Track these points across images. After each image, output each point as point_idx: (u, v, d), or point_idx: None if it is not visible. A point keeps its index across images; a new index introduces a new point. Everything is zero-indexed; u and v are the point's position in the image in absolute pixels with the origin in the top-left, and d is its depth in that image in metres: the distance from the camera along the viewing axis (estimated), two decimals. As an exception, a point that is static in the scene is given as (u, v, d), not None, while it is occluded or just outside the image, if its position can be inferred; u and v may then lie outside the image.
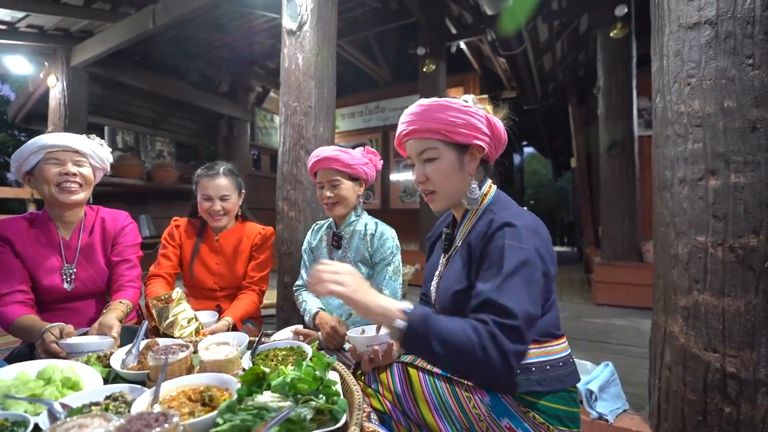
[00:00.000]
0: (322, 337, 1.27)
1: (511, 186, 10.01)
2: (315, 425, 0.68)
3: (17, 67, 4.71)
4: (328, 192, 1.39)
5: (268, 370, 0.80)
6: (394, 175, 6.92)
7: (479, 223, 0.90)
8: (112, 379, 0.90)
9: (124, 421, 0.62)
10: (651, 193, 1.39)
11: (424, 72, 4.82)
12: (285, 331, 1.40)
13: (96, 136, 1.41)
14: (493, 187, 0.96)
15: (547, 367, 0.83)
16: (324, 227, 1.53)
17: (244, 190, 1.65)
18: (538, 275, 0.77)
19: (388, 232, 1.41)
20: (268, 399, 0.73)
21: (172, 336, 1.22)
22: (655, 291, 1.33)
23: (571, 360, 0.88)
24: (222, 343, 0.89)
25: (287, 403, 0.73)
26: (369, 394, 0.98)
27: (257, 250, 1.64)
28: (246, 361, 0.92)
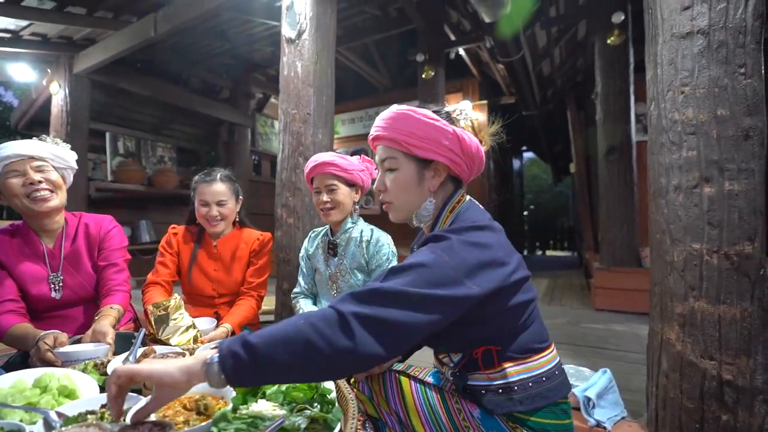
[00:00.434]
0: None
1: (510, 191, 10.02)
2: (309, 434, 0.68)
3: (20, 74, 4.76)
4: (325, 197, 1.39)
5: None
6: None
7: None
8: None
9: (119, 430, 0.62)
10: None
11: (423, 78, 4.86)
12: None
13: (49, 137, 1.31)
14: (461, 205, 0.87)
15: (530, 384, 0.79)
16: (320, 234, 1.54)
17: (241, 196, 1.66)
18: (436, 278, 0.68)
19: (383, 238, 1.41)
20: (263, 408, 0.73)
21: (169, 344, 1.23)
22: (652, 298, 1.33)
23: (557, 372, 0.84)
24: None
25: (282, 411, 0.73)
26: (363, 401, 0.98)
27: (255, 255, 1.65)
28: None
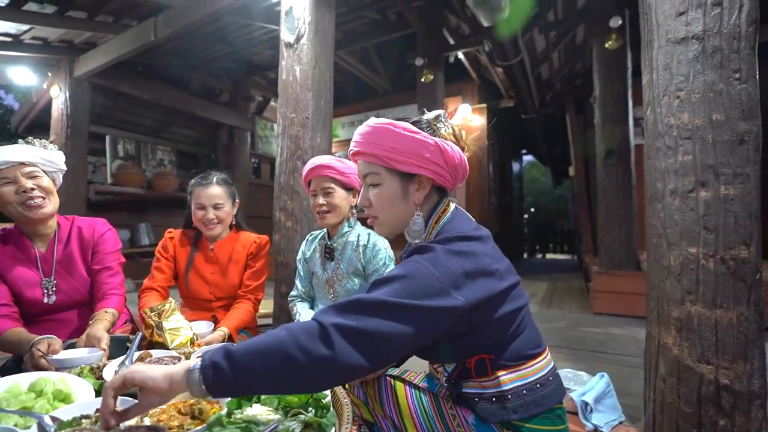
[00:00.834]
0: None
1: (510, 194, 10.02)
2: (303, 439, 0.68)
3: (21, 78, 4.78)
4: (321, 200, 1.39)
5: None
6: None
7: None
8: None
9: (112, 435, 0.62)
10: (646, 203, 1.40)
11: (422, 82, 4.88)
12: None
13: (36, 139, 1.29)
14: (446, 215, 0.85)
15: (524, 391, 0.78)
16: (318, 238, 1.54)
17: (238, 200, 1.66)
18: (420, 289, 0.67)
19: (380, 243, 1.41)
20: (257, 412, 0.73)
21: (166, 347, 1.22)
22: (649, 302, 1.33)
23: (551, 378, 0.83)
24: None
25: (276, 416, 0.73)
26: (359, 405, 0.98)
27: (253, 258, 1.65)
28: None
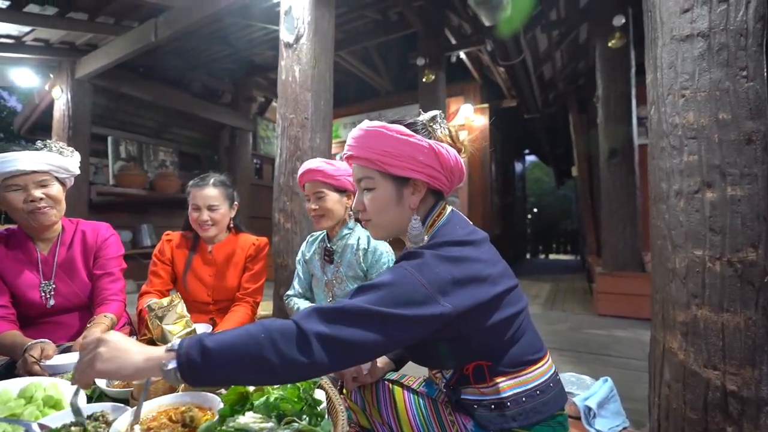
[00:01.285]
0: None
1: (513, 194, 9.98)
2: (295, 449, 0.66)
3: (23, 79, 4.79)
4: (314, 204, 1.38)
5: (252, 388, 0.78)
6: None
7: None
8: (96, 397, 0.89)
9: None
10: (650, 204, 1.37)
11: (423, 82, 4.86)
12: None
13: (53, 143, 1.28)
14: (441, 219, 0.84)
15: (523, 399, 0.76)
16: (318, 240, 1.52)
17: (236, 202, 1.65)
18: (403, 297, 0.66)
19: (381, 246, 1.38)
20: (250, 420, 0.71)
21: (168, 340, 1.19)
22: (653, 305, 1.30)
23: (552, 384, 0.81)
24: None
25: (269, 424, 0.71)
26: (356, 411, 0.96)
27: (251, 261, 1.63)
28: None
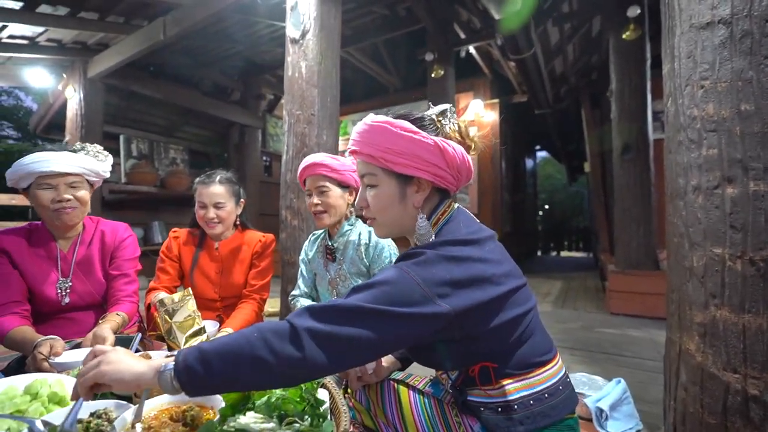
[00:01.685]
0: None
1: (524, 191, 9.84)
2: (296, 450, 0.65)
3: (38, 79, 4.88)
4: (316, 199, 1.35)
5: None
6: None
7: None
8: (101, 394, 0.89)
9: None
10: (666, 200, 1.32)
11: (432, 77, 4.80)
12: None
13: (91, 147, 1.34)
14: (445, 217, 0.81)
15: (531, 402, 0.74)
16: (319, 238, 1.50)
17: (243, 199, 1.64)
18: (399, 296, 0.65)
19: (383, 240, 1.35)
20: (251, 420, 0.70)
21: (176, 345, 1.18)
22: (669, 305, 1.25)
23: (561, 387, 0.78)
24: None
25: (270, 425, 0.70)
26: (360, 411, 0.95)
27: (258, 257, 1.63)
28: None
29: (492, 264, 0.73)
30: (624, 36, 3.69)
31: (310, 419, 0.72)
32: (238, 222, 1.66)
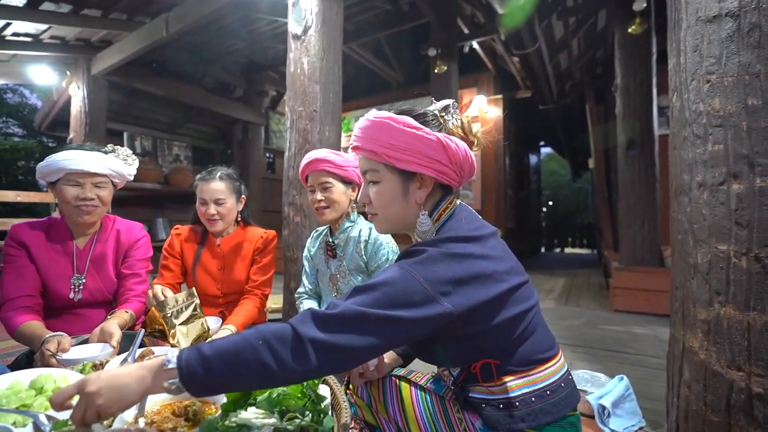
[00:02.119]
0: None
1: (528, 187, 9.79)
2: (297, 446, 0.65)
3: (42, 77, 4.90)
4: (319, 195, 1.35)
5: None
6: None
7: None
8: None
9: (100, 439, 0.61)
10: (671, 196, 1.30)
11: (435, 73, 4.78)
12: None
13: (121, 150, 1.37)
14: (447, 213, 0.80)
15: (532, 399, 0.73)
16: (321, 234, 1.50)
17: (245, 195, 1.64)
18: (402, 297, 0.65)
19: (383, 237, 1.36)
20: (252, 415, 0.71)
21: (179, 346, 1.20)
22: (673, 302, 1.24)
23: (563, 384, 0.77)
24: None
25: (271, 420, 0.70)
26: (362, 407, 0.95)
27: (260, 253, 1.64)
28: None
29: (494, 261, 0.72)
30: (630, 30, 3.64)
31: (311, 415, 0.72)
32: (240, 218, 1.66)
